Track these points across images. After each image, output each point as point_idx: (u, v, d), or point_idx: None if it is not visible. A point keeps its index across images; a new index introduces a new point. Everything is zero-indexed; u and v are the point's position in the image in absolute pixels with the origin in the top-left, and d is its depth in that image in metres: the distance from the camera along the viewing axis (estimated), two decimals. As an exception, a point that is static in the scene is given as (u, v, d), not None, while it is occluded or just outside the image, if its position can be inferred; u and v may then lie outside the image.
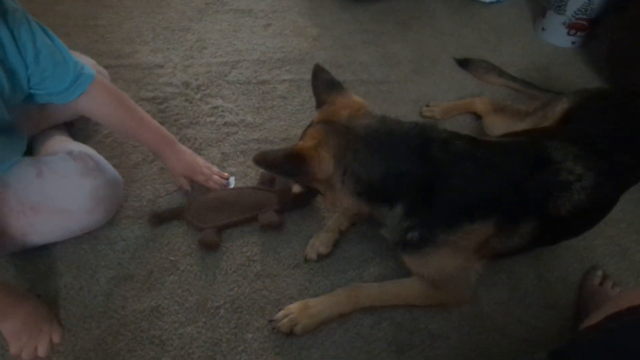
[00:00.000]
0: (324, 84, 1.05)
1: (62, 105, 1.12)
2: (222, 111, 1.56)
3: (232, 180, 1.35)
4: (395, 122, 0.97)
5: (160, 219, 1.24)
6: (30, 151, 1.26)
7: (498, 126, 1.45)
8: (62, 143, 1.27)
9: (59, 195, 1.08)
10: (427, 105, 1.64)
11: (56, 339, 1.00)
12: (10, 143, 1.04)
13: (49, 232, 1.11)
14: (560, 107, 1.27)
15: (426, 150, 0.93)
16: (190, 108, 1.56)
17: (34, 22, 0.97)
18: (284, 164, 0.91)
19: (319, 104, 1.05)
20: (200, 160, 1.30)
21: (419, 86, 1.74)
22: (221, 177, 1.31)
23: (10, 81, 0.95)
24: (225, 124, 1.52)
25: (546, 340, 1.11)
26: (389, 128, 0.95)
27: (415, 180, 0.93)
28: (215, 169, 1.32)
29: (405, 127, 0.96)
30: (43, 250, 1.15)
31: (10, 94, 0.96)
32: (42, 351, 0.97)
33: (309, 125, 1.02)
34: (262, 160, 0.90)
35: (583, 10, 1.82)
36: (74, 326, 1.05)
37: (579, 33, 1.90)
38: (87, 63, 1.39)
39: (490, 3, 2.15)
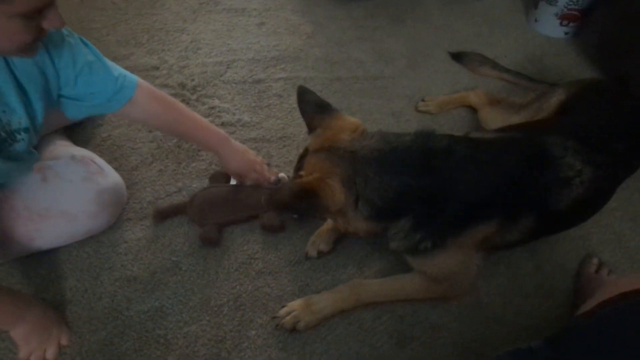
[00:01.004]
0: (313, 107, 1.01)
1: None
2: (219, 111, 1.57)
3: None
4: (394, 137, 0.96)
5: (163, 215, 1.25)
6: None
7: (494, 119, 1.45)
8: (63, 147, 1.27)
9: (64, 200, 1.09)
10: (423, 100, 1.65)
11: (64, 341, 1.02)
12: (25, 164, 1.05)
13: (56, 236, 1.12)
14: (555, 99, 1.29)
15: (430, 163, 0.92)
16: (187, 109, 1.57)
17: (74, 38, 0.96)
18: (297, 203, 0.90)
19: (311, 129, 1.01)
20: (251, 156, 1.28)
21: (414, 81, 1.75)
22: (271, 176, 1.29)
23: (45, 108, 0.96)
24: (222, 124, 1.53)
25: (544, 328, 1.13)
26: (391, 146, 0.93)
27: (422, 194, 0.93)
28: (266, 166, 1.30)
29: (406, 141, 0.95)
30: (47, 255, 1.16)
31: (41, 122, 0.97)
32: (50, 354, 0.99)
33: (304, 152, 1.00)
34: (273, 203, 0.90)
35: (574, 0, 1.82)
36: (80, 328, 1.07)
37: (571, 23, 1.91)
38: None
39: (483, -5, 2.16)
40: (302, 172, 0.95)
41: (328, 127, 0.98)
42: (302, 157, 1.00)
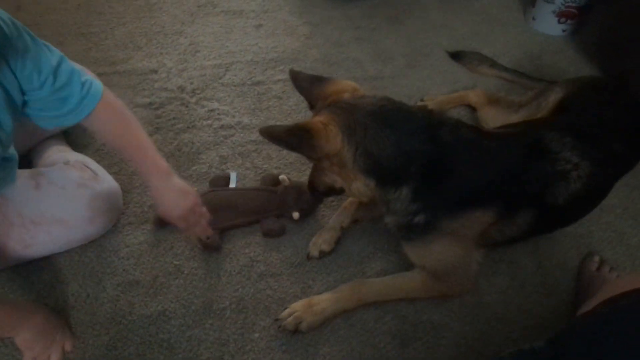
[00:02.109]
0: (308, 82, 1.03)
1: None
2: (219, 114, 1.57)
3: (233, 176, 1.35)
4: (399, 101, 0.97)
5: (165, 221, 1.25)
6: (28, 163, 1.27)
7: (493, 118, 1.46)
8: (59, 153, 1.27)
9: (57, 206, 1.09)
10: (422, 100, 1.65)
11: (68, 347, 1.02)
12: (2, 172, 1.02)
13: (51, 243, 1.12)
14: (553, 97, 1.29)
15: (436, 132, 0.93)
16: (186, 112, 1.57)
17: (37, 47, 0.91)
18: (289, 137, 0.90)
19: (312, 104, 1.03)
20: (190, 203, 1.08)
21: (413, 80, 1.75)
22: (201, 233, 1.15)
23: (13, 119, 0.92)
24: (222, 126, 1.54)
25: (546, 327, 1.13)
26: (396, 105, 0.95)
27: (424, 161, 0.93)
28: (204, 220, 1.12)
29: (411, 107, 0.97)
30: (48, 261, 1.17)
31: (10, 133, 0.93)
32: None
33: None
34: (268, 132, 0.90)
35: (572, -3, 1.83)
36: (83, 333, 1.07)
37: (569, 21, 1.91)
38: None
39: (481, -6, 2.16)
40: None
41: (327, 94, 0.99)
42: None
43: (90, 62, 1.70)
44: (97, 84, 1.02)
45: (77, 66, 1.01)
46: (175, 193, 1.07)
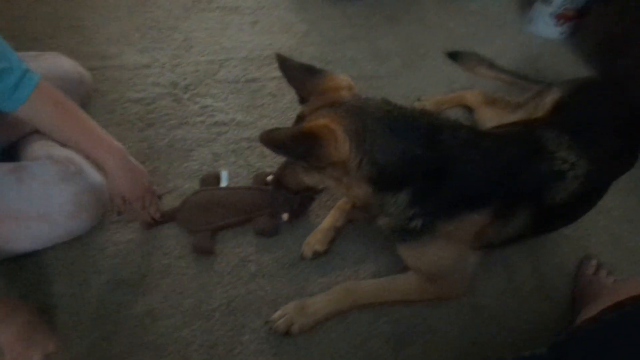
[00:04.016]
0: (300, 73, 0.96)
1: None
2: (212, 111, 1.54)
3: (224, 175, 1.33)
4: (399, 105, 0.93)
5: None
6: (12, 157, 1.23)
7: (490, 119, 1.45)
8: (44, 148, 1.24)
9: (39, 201, 1.06)
10: (419, 100, 1.63)
11: (51, 349, 0.98)
12: None
13: (32, 238, 1.09)
14: (550, 98, 1.28)
15: (438, 137, 0.90)
16: (179, 108, 1.54)
17: None
18: (294, 144, 0.83)
19: (303, 98, 0.96)
20: (146, 182, 1.15)
21: (409, 80, 1.73)
22: (155, 213, 1.19)
23: None
24: (215, 123, 1.51)
25: (543, 330, 1.12)
26: (401, 111, 0.91)
27: (425, 166, 0.90)
28: (156, 201, 1.20)
29: (412, 111, 0.93)
30: (32, 259, 1.13)
31: None
32: (36, 361, 0.95)
33: (298, 119, 0.94)
34: (269, 140, 0.82)
35: (570, 0, 1.82)
36: (67, 334, 1.04)
37: (567, 23, 1.90)
38: (66, 64, 1.37)
39: (478, -5, 2.15)
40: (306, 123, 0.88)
41: (323, 90, 0.93)
42: (297, 123, 0.95)
43: (81, 55, 1.65)
44: (35, 73, 1.00)
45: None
46: (133, 173, 1.11)
